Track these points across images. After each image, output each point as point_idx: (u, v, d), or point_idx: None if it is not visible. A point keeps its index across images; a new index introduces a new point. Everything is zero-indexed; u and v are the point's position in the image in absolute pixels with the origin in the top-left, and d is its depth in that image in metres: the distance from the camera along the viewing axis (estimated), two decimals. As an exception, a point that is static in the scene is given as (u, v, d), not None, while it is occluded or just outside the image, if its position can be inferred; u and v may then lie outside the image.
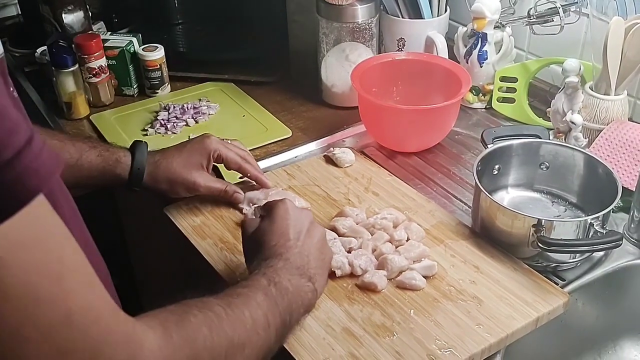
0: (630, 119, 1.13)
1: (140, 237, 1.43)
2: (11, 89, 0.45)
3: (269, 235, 0.77)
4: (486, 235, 0.95)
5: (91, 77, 1.35)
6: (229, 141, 1.04)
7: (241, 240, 0.84)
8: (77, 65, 1.33)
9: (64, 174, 0.96)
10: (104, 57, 1.36)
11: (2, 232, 0.41)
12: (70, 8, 1.40)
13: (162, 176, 0.98)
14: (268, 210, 0.81)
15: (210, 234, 0.98)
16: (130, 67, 1.40)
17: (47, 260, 0.44)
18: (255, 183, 1.05)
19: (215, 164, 1.02)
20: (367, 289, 0.87)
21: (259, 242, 0.78)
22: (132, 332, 0.49)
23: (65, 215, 0.62)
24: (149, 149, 1.01)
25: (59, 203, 0.60)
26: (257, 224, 0.80)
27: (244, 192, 1.03)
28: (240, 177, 1.06)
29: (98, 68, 1.35)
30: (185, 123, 1.31)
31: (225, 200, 1.02)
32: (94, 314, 0.47)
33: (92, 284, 0.48)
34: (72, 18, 1.41)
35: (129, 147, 1.01)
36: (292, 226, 0.78)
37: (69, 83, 1.32)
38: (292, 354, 0.77)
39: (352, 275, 0.88)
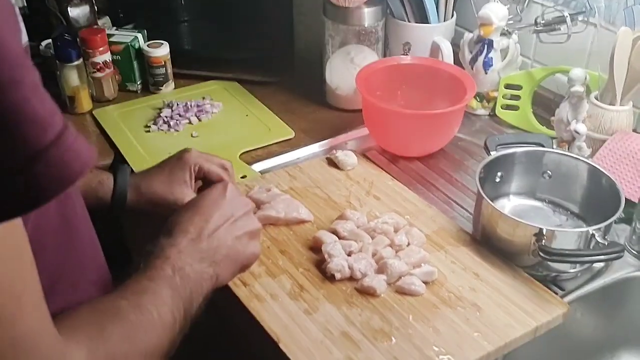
0: (634, 130, 1.13)
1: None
2: None
3: (192, 210, 0.77)
4: (487, 242, 0.95)
5: (95, 72, 1.35)
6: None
7: None
8: (81, 60, 1.33)
9: None
10: (109, 52, 1.36)
11: None
12: (76, 2, 1.40)
13: (144, 199, 0.94)
14: (208, 187, 0.80)
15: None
16: (135, 63, 1.40)
17: (14, 278, 0.43)
18: None
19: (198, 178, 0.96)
20: (367, 293, 0.86)
21: (182, 213, 0.77)
22: (65, 356, 0.50)
23: (77, 213, 0.62)
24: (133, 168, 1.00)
25: (71, 199, 0.60)
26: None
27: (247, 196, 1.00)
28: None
29: (102, 63, 1.34)
30: (188, 121, 1.30)
31: None
32: (37, 339, 0.47)
33: (41, 306, 0.48)
34: (77, 12, 1.41)
35: (109, 169, 0.97)
36: (219, 209, 0.77)
37: (72, 77, 1.32)
38: (289, 356, 0.77)
39: (351, 278, 0.88)
